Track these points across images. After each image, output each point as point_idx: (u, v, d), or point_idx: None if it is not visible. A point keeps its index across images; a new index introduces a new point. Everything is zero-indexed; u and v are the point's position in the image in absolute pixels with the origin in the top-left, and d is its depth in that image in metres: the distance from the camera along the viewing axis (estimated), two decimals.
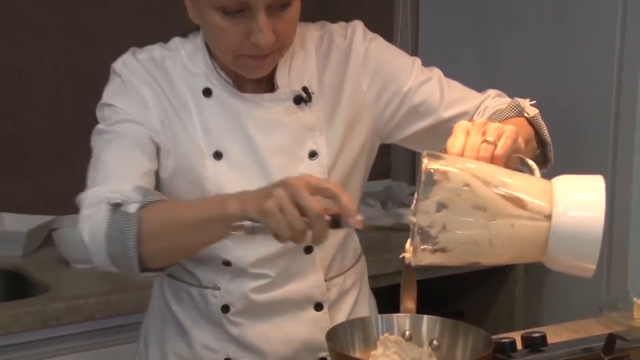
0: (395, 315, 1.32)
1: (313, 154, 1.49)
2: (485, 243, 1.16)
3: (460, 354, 1.29)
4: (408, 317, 1.32)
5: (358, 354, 1.29)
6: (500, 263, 1.22)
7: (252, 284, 1.50)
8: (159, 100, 1.47)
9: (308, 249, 1.50)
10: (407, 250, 1.20)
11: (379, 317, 1.35)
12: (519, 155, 1.28)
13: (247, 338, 1.52)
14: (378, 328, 1.32)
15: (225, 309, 1.51)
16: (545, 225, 1.16)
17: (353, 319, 1.41)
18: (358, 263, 1.63)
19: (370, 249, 1.78)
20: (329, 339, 1.26)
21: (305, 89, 1.49)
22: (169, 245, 1.35)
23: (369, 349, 1.30)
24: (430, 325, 1.32)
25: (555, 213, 1.15)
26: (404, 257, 1.21)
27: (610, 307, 1.73)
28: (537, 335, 1.51)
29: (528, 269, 2.73)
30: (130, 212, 1.31)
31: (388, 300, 1.60)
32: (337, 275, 1.57)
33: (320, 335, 1.39)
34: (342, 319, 1.53)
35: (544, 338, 1.52)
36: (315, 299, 1.54)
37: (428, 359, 1.28)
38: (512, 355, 1.47)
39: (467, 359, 1.28)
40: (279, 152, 1.47)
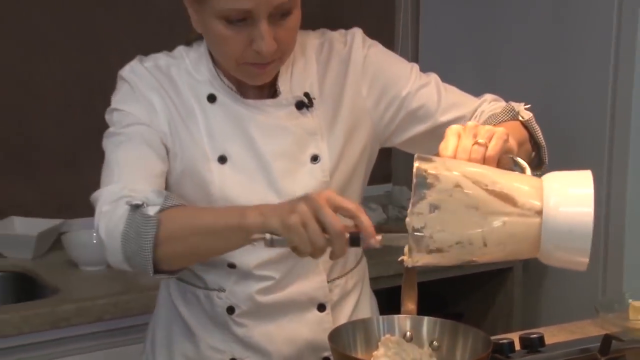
0: (396, 317, 1.32)
1: (315, 158, 1.48)
2: (479, 241, 1.16)
3: (460, 355, 1.29)
4: (409, 318, 1.32)
5: (360, 355, 1.28)
6: (496, 260, 1.22)
7: (256, 286, 1.50)
8: (166, 106, 1.47)
9: None
10: (404, 252, 1.20)
11: (381, 318, 1.34)
12: (511, 156, 1.28)
13: (252, 339, 1.52)
14: (379, 329, 1.32)
15: (231, 311, 1.51)
16: (537, 222, 1.15)
17: (355, 320, 1.40)
18: (359, 265, 1.63)
19: (372, 252, 1.77)
20: (332, 340, 1.25)
21: (307, 95, 1.49)
22: (185, 250, 1.34)
23: (371, 350, 1.30)
24: (431, 327, 1.32)
25: (546, 209, 1.15)
26: (402, 259, 1.20)
27: (606, 308, 1.73)
28: (534, 336, 1.51)
29: (526, 271, 2.73)
30: (150, 214, 1.31)
31: (389, 302, 1.60)
32: (339, 277, 1.57)
33: (323, 336, 1.38)
34: (344, 320, 1.53)
35: (542, 339, 1.51)
36: (318, 300, 1.53)
37: None
38: (510, 356, 1.47)
39: None
40: (282, 156, 1.47)
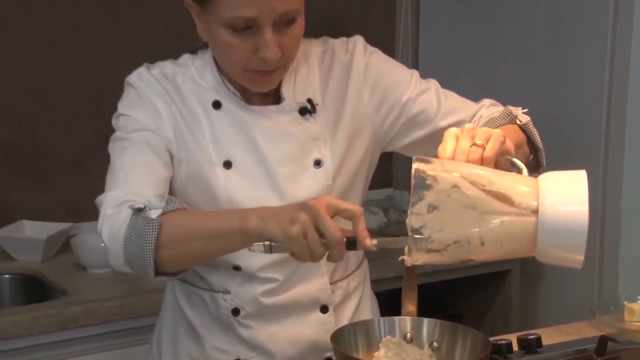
0: (397, 318, 1.32)
1: (318, 163, 1.48)
2: (477, 240, 1.16)
3: (459, 355, 1.29)
4: (409, 319, 1.31)
5: (361, 355, 1.28)
6: (494, 259, 1.22)
7: (261, 288, 1.49)
8: (171, 112, 1.47)
9: None
10: (404, 252, 1.20)
11: (382, 319, 1.34)
12: (508, 157, 1.28)
13: (256, 340, 1.51)
14: (380, 330, 1.32)
15: (236, 312, 1.51)
16: (533, 220, 1.15)
17: (357, 322, 1.40)
18: (361, 267, 1.63)
19: (373, 254, 1.77)
20: (334, 341, 1.25)
21: (310, 101, 1.49)
22: (186, 253, 1.34)
23: (372, 350, 1.29)
24: (431, 328, 1.31)
25: (542, 208, 1.15)
26: (403, 259, 1.20)
27: (602, 310, 1.72)
28: (532, 337, 1.51)
29: (524, 274, 2.72)
30: (152, 217, 1.31)
31: (390, 304, 1.60)
32: (341, 279, 1.56)
33: (326, 337, 1.38)
34: (346, 321, 1.53)
35: (539, 340, 1.51)
36: (321, 302, 1.53)
37: None
38: (508, 357, 1.47)
39: None
40: (286, 160, 1.47)
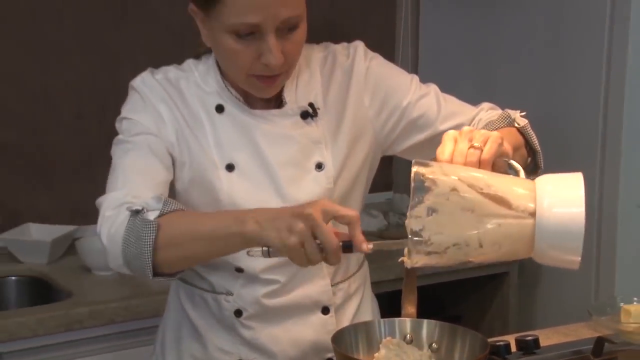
0: (397, 320, 1.32)
1: (320, 166, 1.48)
2: (475, 242, 1.16)
3: (458, 356, 1.29)
4: (409, 321, 1.31)
5: (362, 356, 1.28)
6: (492, 261, 1.22)
7: (263, 290, 1.49)
8: (174, 117, 1.47)
9: None
10: (404, 254, 1.20)
11: (382, 321, 1.34)
12: (505, 159, 1.28)
13: (258, 340, 1.51)
14: (381, 331, 1.32)
15: (238, 313, 1.51)
16: (531, 223, 1.15)
17: (357, 323, 1.40)
18: (361, 269, 1.63)
19: (373, 256, 1.77)
20: (335, 342, 1.25)
21: (312, 105, 1.49)
22: (184, 255, 1.34)
23: (372, 351, 1.29)
24: (430, 329, 1.31)
25: (539, 210, 1.15)
26: (402, 261, 1.20)
27: (599, 312, 1.72)
28: (530, 339, 1.51)
29: (522, 276, 2.72)
30: (150, 219, 1.31)
31: (390, 305, 1.59)
32: (342, 281, 1.56)
33: (327, 338, 1.38)
34: (346, 322, 1.53)
35: (537, 341, 1.51)
36: (323, 303, 1.53)
37: None
38: (506, 358, 1.47)
39: None
40: (288, 164, 1.47)
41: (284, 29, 1.36)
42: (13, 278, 2.40)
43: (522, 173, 1.26)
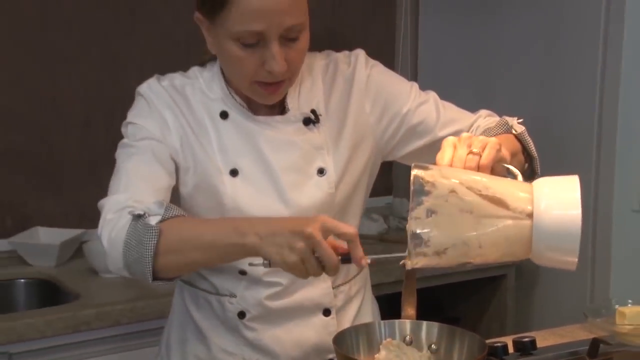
0: (397, 321, 1.31)
1: (321, 171, 1.48)
2: (474, 243, 1.16)
3: (457, 357, 1.28)
4: (408, 322, 1.31)
5: (362, 357, 1.28)
6: (491, 262, 1.21)
7: (266, 292, 1.49)
8: (179, 123, 1.47)
9: None
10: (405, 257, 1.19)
11: (382, 322, 1.34)
12: (503, 164, 1.28)
13: (261, 342, 1.51)
14: (381, 333, 1.31)
15: (242, 315, 1.50)
16: (528, 224, 1.15)
17: (358, 325, 1.40)
18: (362, 272, 1.62)
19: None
20: (336, 343, 1.25)
21: (314, 112, 1.49)
22: (185, 262, 1.33)
23: (373, 352, 1.29)
24: (429, 331, 1.31)
25: (537, 212, 1.15)
26: (403, 263, 1.20)
27: (594, 314, 1.72)
28: (527, 340, 1.50)
29: (519, 278, 2.72)
30: (151, 224, 1.30)
31: (390, 307, 1.59)
32: (343, 283, 1.56)
33: (329, 339, 1.38)
34: (347, 324, 1.52)
35: (534, 342, 1.50)
36: (324, 305, 1.53)
37: None
38: (504, 359, 1.46)
39: None
40: (291, 169, 1.46)
41: (287, 37, 1.36)
42: (22, 280, 2.41)
43: (519, 177, 1.26)
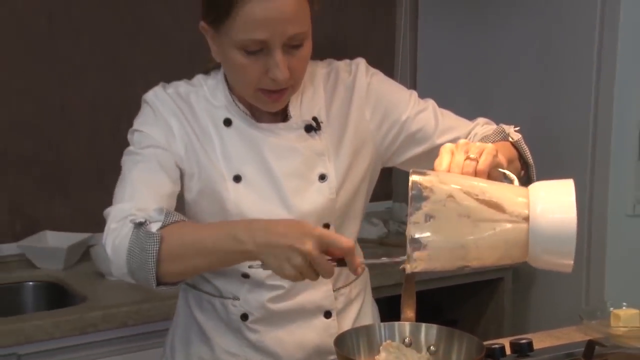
0: (397, 323, 1.31)
1: (323, 177, 1.48)
2: (472, 247, 1.16)
3: (455, 359, 1.27)
4: (408, 325, 1.30)
5: (363, 359, 1.27)
6: (488, 265, 1.20)
7: (268, 295, 1.49)
8: (184, 130, 1.47)
9: None
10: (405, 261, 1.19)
11: (382, 324, 1.33)
12: (500, 170, 1.27)
13: (264, 343, 1.51)
14: (381, 335, 1.30)
15: (244, 317, 1.50)
16: (525, 227, 1.15)
17: (358, 327, 1.39)
18: (362, 275, 1.62)
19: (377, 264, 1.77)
20: (337, 345, 1.24)
21: (315, 119, 1.49)
22: (186, 268, 1.34)
23: (373, 354, 1.28)
24: (428, 333, 1.30)
25: (533, 215, 1.14)
26: (403, 267, 1.20)
27: (590, 316, 1.71)
28: (524, 342, 1.50)
29: (516, 281, 2.71)
30: (152, 231, 1.30)
31: (390, 310, 1.58)
32: (344, 286, 1.56)
33: (330, 341, 1.37)
34: (348, 326, 1.52)
35: (531, 344, 1.50)
36: (325, 308, 1.52)
37: None
38: None
39: None
40: (293, 175, 1.46)
41: (290, 45, 1.36)
42: (30, 283, 2.41)
43: (516, 182, 1.25)
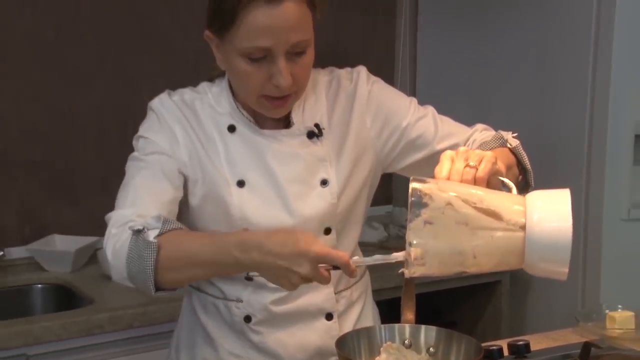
0: (397, 325, 1.30)
1: (324, 182, 1.48)
2: (469, 254, 1.15)
3: None
4: (408, 327, 1.30)
5: None
6: (485, 271, 1.21)
7: (271, 297, 1.49)
8: (188, 136, 1.47)
9: None
10: (404, 266, 1.19)
11: (382, 326, 1.33)
12: (499, 177, 1.27)
13: (266, 344, 1.50)
14: (381, 336, 1.30)
15: (248, 319, 1.50)
16: (521, 235, 1.14)
17: (359, 329, 1.39)
18: (363, 278, 1.62)
19: (375, 266, 1.76)
20: (338, 346, 1.24)
21: (317, 125, 1.49)
22: (185, 277, 1.34)
23: (374, 355, 1.28)
24: (428, 334, 1.30)
25: (529, 224, 1.14)
26: (402, 272, 1.20)
27: (586, 318, 1.71)
28: (521, 343, 1.50)
29: (513, 284, 2.71)
30: (150, 240, 1.29)
31: (390, 312, 1.58)
32: (345, 289, 1.55)
33: (331, 342, 1.37)
34: (349, 328, 1.52)
35: (528, 346, 1.50)
36: (326, 310, 1.52)
37: None
38: None
39: None
40: (295, 180, 1.46)
41: (293, 53, 1.37)
42: (39, 286, 2.41)
43: (514, 190, 1.25)
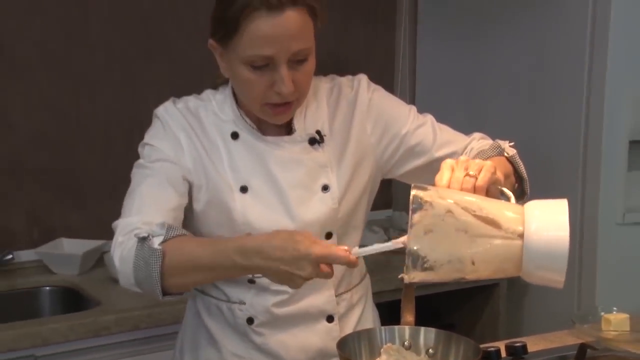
0: (397, 327, 1.30)
1: (326, 188, 1.48)
2: (468, 261, 1.15)
3: None
4: (407, 328, 1.30)
5: None
6: (483, 278, 1.20)
7: (273, 299, 1.49)
8: (192, 143, 1.47)
9: None
10: (403, 271, 1.19)
11: (383, 328, 1.33)
12: (498, 186, 1.27)
13: (268, 346, 1.50)
14: (382, 338, 1.30)
15: (250, 321, 1.50)
16: (519, 244, 1.14)
17: (360, 330, 1.39)
18: (364, 281, 1.62)
19: (375, 269, 1.76)
20: (339, 348, 1.24)
21: (319, 132, 1.49)
22: (189, 282, 1.34)
23: (374, 357, 1.28)
24: (427, 336, 1.30)
25: (527, 233, 1.14)
26: (402, 277, 1.19)
27: (582, 320, 1.71)
28: (518, 345, 1.50)
29: (510, 287, 2.70)
30: (155, 247, 1.29)
31: (390, 314, 1.58)
32: (346, 292, 1.55)
33: (332, 344, 1.37)
34: (350, 330, 1.52)
35: (525, 347, 1.50)
36: (328, 312, 1.52)
37: None
38: None
39: None
40: (297, 186, 1.46)
41: (295, 61, 1.37)
42: (47, 288, 2.40)
43: (512, 199, 1.26)
